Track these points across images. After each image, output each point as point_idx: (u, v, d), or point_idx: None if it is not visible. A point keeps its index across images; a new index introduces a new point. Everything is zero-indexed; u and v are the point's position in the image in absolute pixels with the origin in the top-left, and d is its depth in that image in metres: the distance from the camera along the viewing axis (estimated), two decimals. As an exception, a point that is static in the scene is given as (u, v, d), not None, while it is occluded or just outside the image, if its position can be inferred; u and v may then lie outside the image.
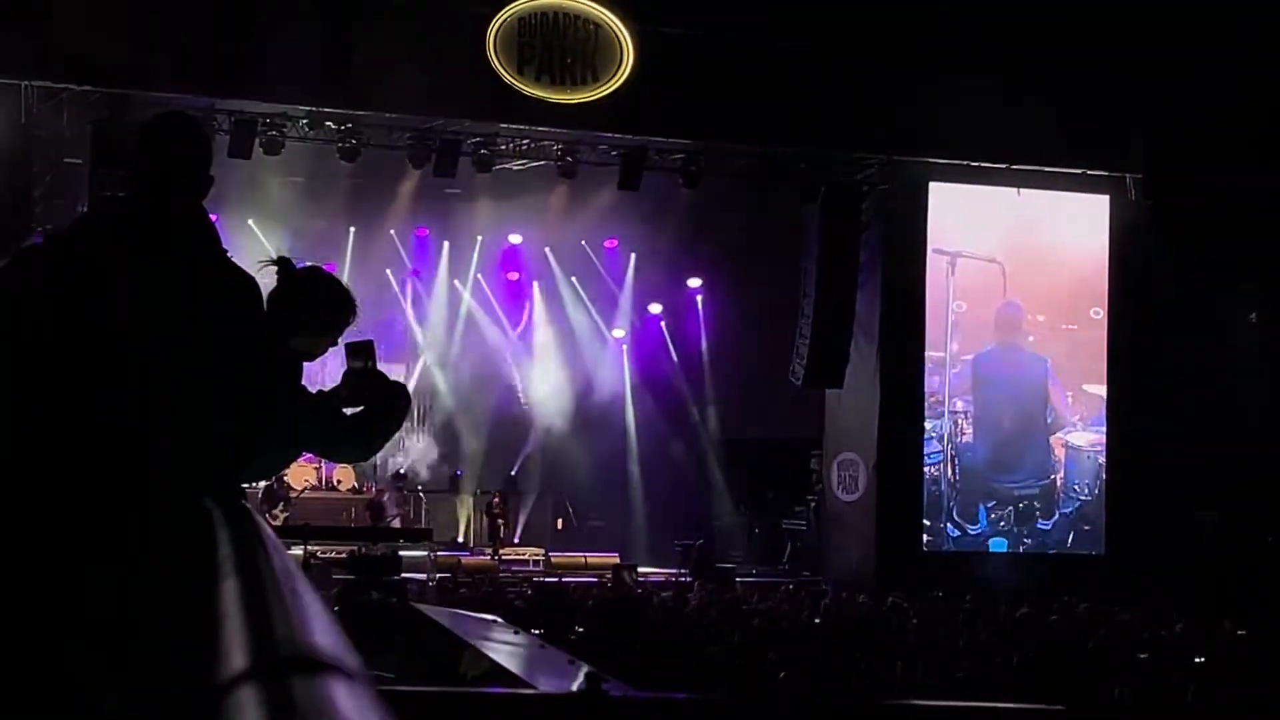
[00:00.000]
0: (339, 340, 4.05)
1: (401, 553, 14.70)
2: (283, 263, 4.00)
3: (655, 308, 22.70)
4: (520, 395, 22.65)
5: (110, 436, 2.95)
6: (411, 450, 21.61)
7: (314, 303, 3.99)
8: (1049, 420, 19.41)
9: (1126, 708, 8.63)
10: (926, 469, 18.75)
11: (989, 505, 18.98)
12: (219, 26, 15.46)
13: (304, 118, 16.81)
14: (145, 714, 2.15)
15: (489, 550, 19.49)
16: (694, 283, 22.36)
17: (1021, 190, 19.04)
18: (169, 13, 15.41)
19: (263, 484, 18.52)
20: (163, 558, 2.54)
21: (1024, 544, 19.05)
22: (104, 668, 2.35)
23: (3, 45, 14.89)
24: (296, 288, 3.96)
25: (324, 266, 4.54)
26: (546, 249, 21.86)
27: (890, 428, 18.48)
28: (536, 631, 9.31)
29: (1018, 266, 19.21)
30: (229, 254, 3.31)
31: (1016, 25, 17.21)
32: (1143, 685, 9.14)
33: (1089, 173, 18.92)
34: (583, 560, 19.12)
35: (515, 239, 21.72)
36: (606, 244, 21.89)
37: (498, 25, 16.68)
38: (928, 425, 18.79)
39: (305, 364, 3.85)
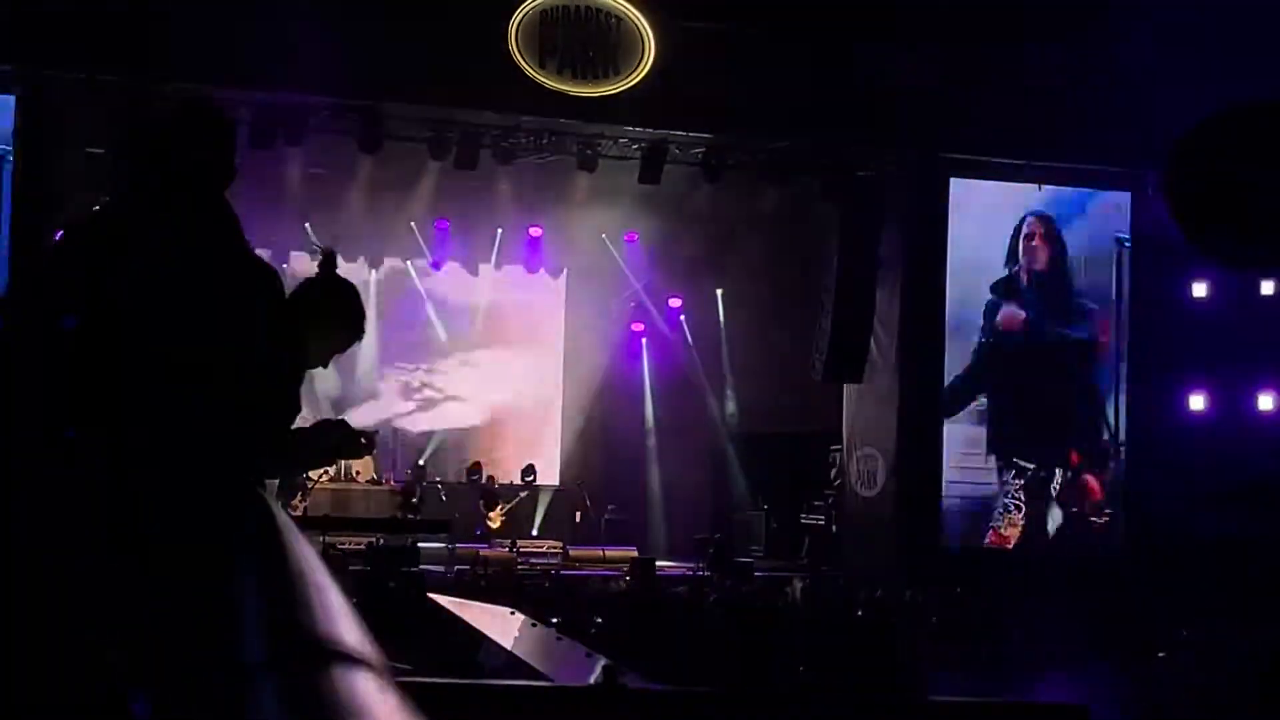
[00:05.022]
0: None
1: (420, 544, 14.81)
2: (328, 258, 3.97)
3: (675, 301, 22.67)
4: (539, 388, 22.65)
5: (130, 426, 2.95)
6: (432, 443, 21.65)
7: (335, 311, 3.97)
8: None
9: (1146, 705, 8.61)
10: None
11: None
12: (241, 16, 15.48)
13: (325, 108, 16.83)
14: (168, 702, 2.16)
15: (507, 543, 19.50)
16: (713, 276, 22.30)
17: (1043, 186, 18.98)
18: (193, 2, 15.45)
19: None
20: (184, 546, 2.55)
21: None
22: (126, 657, 2.36)
23: (26, 34, 14.95)
24: (328, 288, 3.95)
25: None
26: (566, 241, 21.83)
27: (910, 423, 18.42)
28: (554, 622, 9.32)
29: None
30: (250, 245, 3.32)
31: (1038, 20, 17.13)
32: (1161, 682, 9.11)
33: (1110, 169, 18.82)
34: (601, 554, 19.12)
35: (536, 231, 21.67)
36: (626, 237, 21.86)
37: (520, 18, 16.69)
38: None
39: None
